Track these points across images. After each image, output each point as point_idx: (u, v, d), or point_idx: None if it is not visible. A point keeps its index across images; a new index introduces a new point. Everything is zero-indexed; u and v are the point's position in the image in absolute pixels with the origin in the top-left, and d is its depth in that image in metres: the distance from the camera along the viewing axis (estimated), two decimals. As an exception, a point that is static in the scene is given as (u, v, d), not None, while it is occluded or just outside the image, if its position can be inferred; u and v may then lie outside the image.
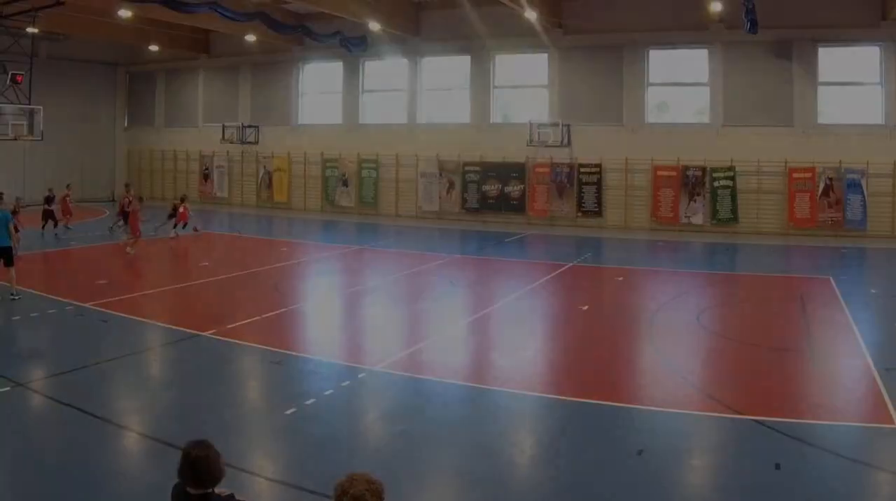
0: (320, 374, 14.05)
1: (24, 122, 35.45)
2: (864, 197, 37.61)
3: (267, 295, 21.49)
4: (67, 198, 35.93)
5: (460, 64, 45.19)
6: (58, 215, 34.84)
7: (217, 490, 5.51)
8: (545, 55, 43.36)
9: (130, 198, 32.04)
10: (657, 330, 17.90)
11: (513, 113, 45.36)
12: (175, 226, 34.13)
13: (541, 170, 42.82)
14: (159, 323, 17.74)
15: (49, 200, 34.31)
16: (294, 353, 15.28)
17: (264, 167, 50.00)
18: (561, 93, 42.96)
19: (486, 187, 43.93)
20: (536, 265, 28.57)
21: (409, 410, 12.29)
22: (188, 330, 16.80)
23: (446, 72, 45.80)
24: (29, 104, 35.64)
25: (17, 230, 21.50)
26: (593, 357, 15.67)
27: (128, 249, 28.42)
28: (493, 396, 12.92)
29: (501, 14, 39.19)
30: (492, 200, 43.70)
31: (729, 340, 17.33)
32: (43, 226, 33.89)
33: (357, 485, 4.66)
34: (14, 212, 25.40)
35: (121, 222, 34.72)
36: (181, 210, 34.59)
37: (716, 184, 39.90)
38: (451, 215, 44.54)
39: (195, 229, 34.93)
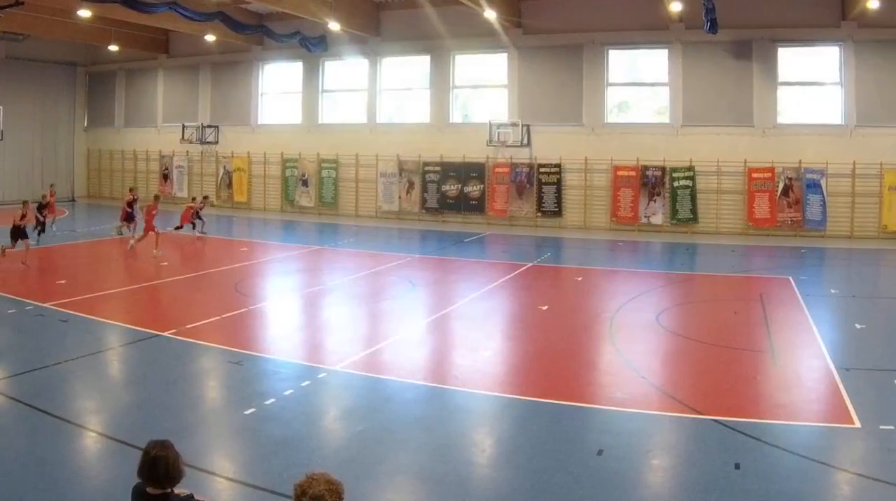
0: (280, 374, 13.67)
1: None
2: (823, 197, 36.26)
3: (227, 296, 20.89)
4: (52, 198, 33.92)
5: (420, 64, 43.34)
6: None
7: (176, 490, 5.39)
8: (505, 55, 41.64)
9: (134, 198, 31.65)
10: (617, 330, 17.40)
11: (473, 113, 43.43)
12: (179, 227, 32.73)
13: (500, 170, 41.13)
14: (119, 324, 17.30)
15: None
16: (254, 353, 14.90)
17: (224, 167, 47.67)
18: (521, 93, 41.24)
19: (445, 187, 42.05)
20: (496, 265, 27.62)
21: (369, 410, 11.98)
22: (148, 330, 16.39)
23: (406, 72, 43.99)
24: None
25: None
26: (553, 356, 15.24)
27: (131, 242, 28.44)
28: (452, 396, 12.64)
29: (461, 14, 38.10)
30: (451, 200, 41.92)
31: (689, 340, 16.84)
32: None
33: (316, 485, 4.55)
34: (46, 205, 25.73)
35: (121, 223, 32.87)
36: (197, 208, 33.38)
37: (675, 184, 38.37)
38: (411, 215, 42.82)
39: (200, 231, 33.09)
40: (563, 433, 10.95)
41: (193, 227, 32.63)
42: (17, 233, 24.86)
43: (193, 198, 34.98)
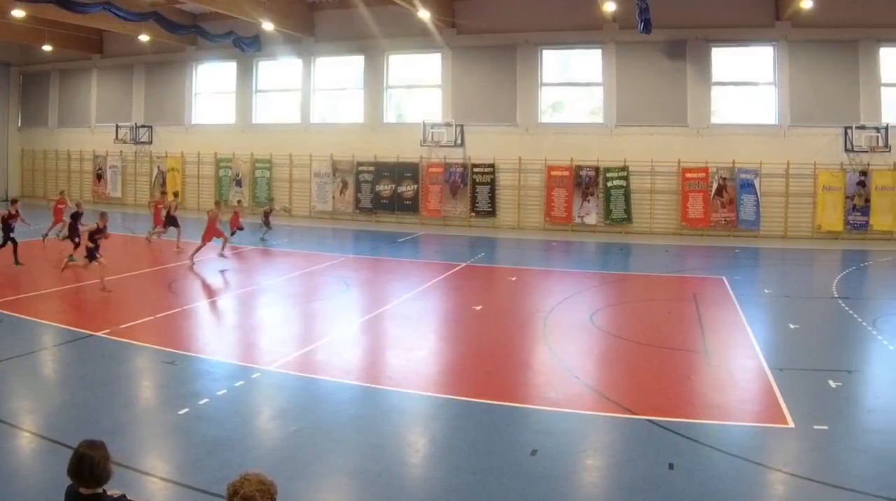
0: (214, 374, 12.85)
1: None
2: (757, 197, 34.23)
3: (161, 296, 19.77)
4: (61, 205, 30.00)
5: (354, 64, 40.60)
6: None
7: (110, 491, 5.16)
8: (438, 55, 38.85)
9: (166, 204, 29.61)
10: (551, 330, 16.45)
11: (406, 113, 40.68)
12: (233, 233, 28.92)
13: (434, 170, 38.60)
14: (53, 324, 16.21)
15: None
16: (188, 353, 14.05)
17: (158, 167, 44.51)
18: (454, 93, 38.58)
19: (379, 187, 39.45)
20: (430, 265, 26.19)
21: (303, 410, 11.35)
22: (82, 331, 15.39)
23: (340, 72, 41.13)
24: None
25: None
26: (487, 356, 14.40)
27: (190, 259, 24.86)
28: (386, 396, 12.01)
29: (395, 14, 35.92)
30: (385, 200, 39.26)
31: (623, 340, 15.93)
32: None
33: (248, 486, 4.39)
34: (79, 214, 23.47)
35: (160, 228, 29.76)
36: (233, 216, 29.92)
37: (609, 184, 35.98)
38: (345, 215, 40.08)
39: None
40: (497, 433, 10.34)
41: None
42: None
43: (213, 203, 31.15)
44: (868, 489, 8.36)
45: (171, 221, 28.83)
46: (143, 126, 44.44)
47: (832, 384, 12.22)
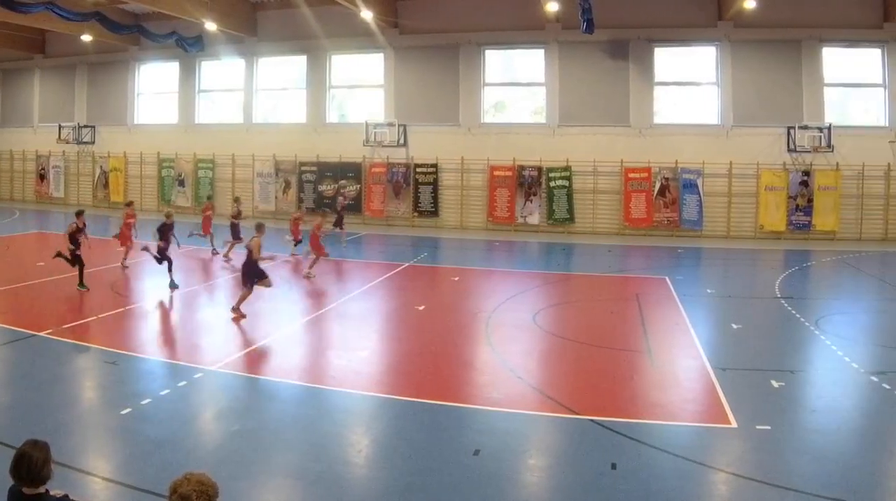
0: (156, 374, 12.29)
1: None
2: (700, 197, 32.10)
3: (104, 296, 18.47)
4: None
5: (297, 64, 37.77)
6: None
7: (52, 491, 4.88)
8: (381, 55, 36.22)
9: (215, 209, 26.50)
10: (493, 330, 15.59)
11: (349, 113, 37.79)
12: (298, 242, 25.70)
13: (377, 170, 35.96)
14: None
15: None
16: (130, 353, 13.30)
17: (101, 167, 41.25)
18: (397, 93, 35.96)
19: (322, 187, 36.73)
20: (373, 265, 24.90)
21: (246, 410, 10.70)
22: (24, 330, 14.53)
23: (282, 72, 38.27)
24: None
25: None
26: (429, 356, 13.70)
27: (309, 271, 21.87)
28: (329, 396, 11.43)
29: (338, 14, 33.47)
30: (328, 200, 36.19)
31: (565, 340, 15.17)
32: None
33: (186, 485, 4.21)
34: (167, 225, 20.29)
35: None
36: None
37: (552, 184, 33.64)
38: (288, 215, 36.16)
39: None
40: (440, 433, 9.88)
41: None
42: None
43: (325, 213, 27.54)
44: (811, 488, 7.98)
45: (208, 225, 26.01)
46: (85, 126, 41.12)
47: (775, 384, 11.66)
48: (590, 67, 33.58)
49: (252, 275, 16.11)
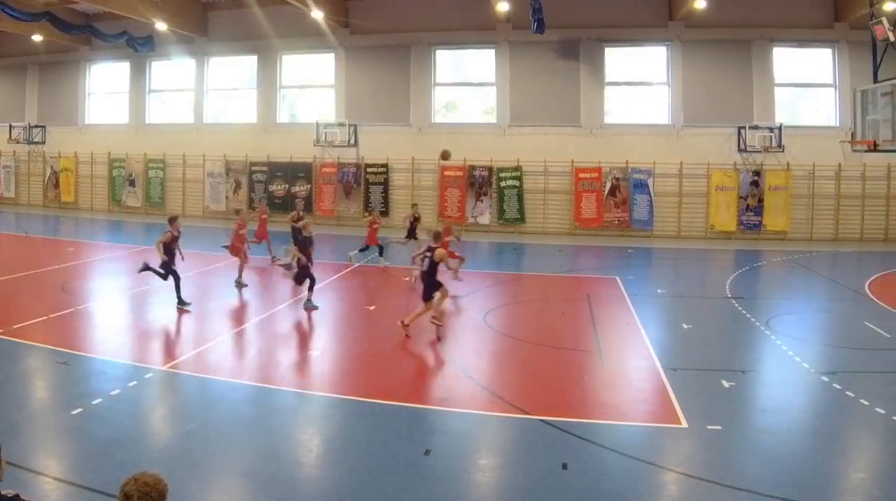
0: (107, 374, 11.39)
1: None
2: (650, 197, 30.13)
3: (54, 296, 17.41)
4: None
5: (247, 64, 35.36)
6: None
7: (3, 490, 4.53)
8: (332, 55, 33.97)
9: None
10: (444, 330, 14.40)
11: (300, 113, 35.43)
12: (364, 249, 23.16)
13: (328, 170, 33.68)
14: None
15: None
16: (81, 353, 12.51)
17: (51, 167, 38.53)
18: (348, 93, 33.70)
19: (272, 187, 34.37)
20: (323, 265, 22.47)
21: (197, 410, 10.09)
22: None
23: (233, 72, 35.84)
24: None
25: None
26: (380, 356, 13.04)
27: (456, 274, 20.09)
28: (280, 396, 10.69)
29: (288, 14, 31.20)
30: (279, 200, 34.07)
31: (516, 340, 14.38)
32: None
33: (131, 484, 4.05)
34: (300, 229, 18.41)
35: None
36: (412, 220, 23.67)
37: (502, 184, 31.58)
38: (233, 217, 34.74)
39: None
40: (391, 433, 9.26)
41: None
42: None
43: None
44: (762, 489, 7.66)
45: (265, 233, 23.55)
46: (36, 126, 38.37)
47: (725, 384, 11.19)
48: (541, 67, 31.62)
49: (433, 288, 14.31)
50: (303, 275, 16.47)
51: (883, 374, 11.76)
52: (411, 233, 23.19)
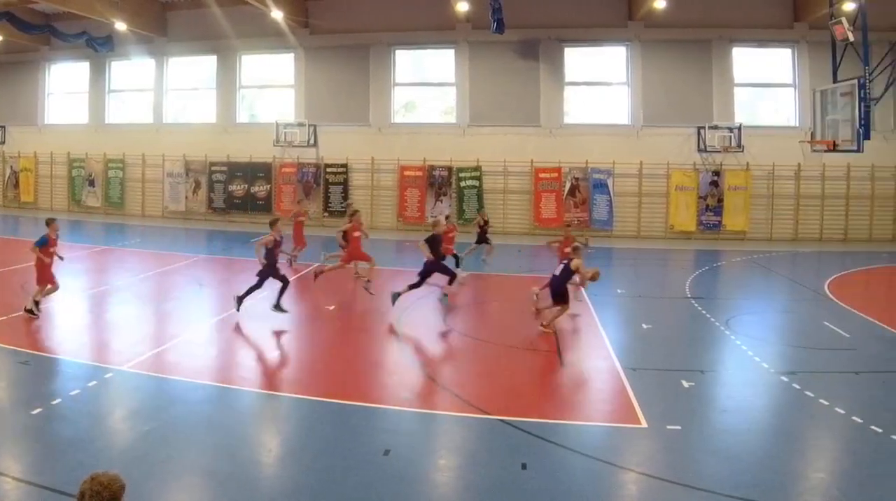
0: (67, 374, 11.01)
1: None
2: (610, 197, 28.58)
3: (13, 296, 16.47)
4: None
5: (207, 64, 33.50)
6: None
7: None
8: (291, 55, 32.19)
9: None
10: (404, 330, 14.16)
11: (259, 113, 33.59)
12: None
13: (287, 170, 31.84)
14: None
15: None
16: (41, 353, 11.93)
17: (11, 167, 36.48)
18: (308, 94, 31.90)
19: (232, 187, 32.54)
20: (282, 265, 20.87)
21: (156, 409, 9.58)
22: None
23: (193, 72, 33.95)
24: None
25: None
26: (340, 356, 12.32)
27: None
28: (239, 396, 10.26)
29: (248, 14, 29.44)
30: (238, 200, 32.36)
31: (476, 340, 13.63)
32: None
33: (87, 483, 3.99)
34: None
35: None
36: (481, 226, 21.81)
37: (462, 184, 29.92)
38: (198, 215, 32.93)
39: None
40: (350, 433, 8.79)
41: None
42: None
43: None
44: (721, 489, 7.29)
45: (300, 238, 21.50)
46: (-5, 126, 36.70)
47: (685, 384, 10.74)
48: (500, 67, 30.03)
49: (564, 295, 13.70)
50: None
51: (842, 374, 11.33)
52: (482, 239, 21.45)
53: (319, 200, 31.39)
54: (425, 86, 32.18)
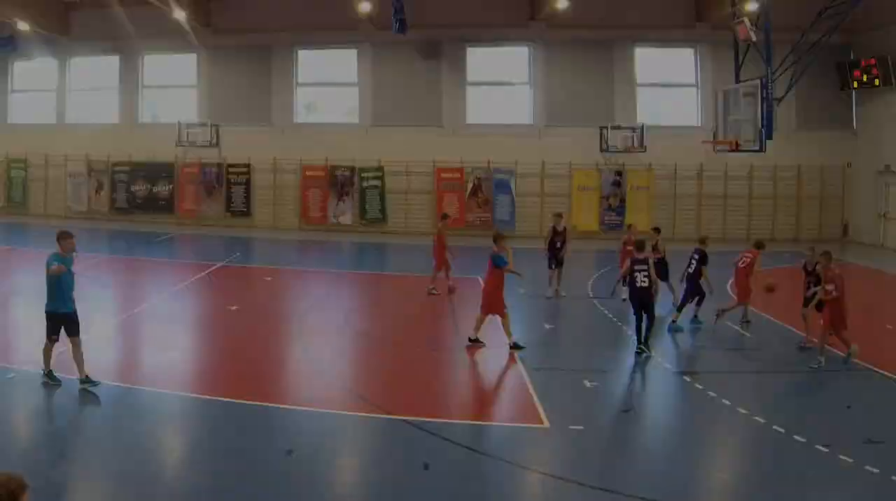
0: None
1: None
2: (512, 197, 24.42)
3: None
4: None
5: (109, 64, 28.46)
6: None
7: None
8: (194, 55, 27.33)
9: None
10: (306, 330, 12.49)
11: (162, 113, 28.53)
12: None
13: (189, 170, 27.02)
14: None
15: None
16: None
17: (-87, 170, 31.61)
18: (210, 93, 27.14)
19: (135, 187, 27.57)
20: (185, 265, 20.42)
21: (59, 410, 8.62)
22: None
23: (95, 71, 28.95)
24: None
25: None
26: (243, 357, 10.90)
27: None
28: (141, 396, 8.99)
29: (151, 14, 24.78)
30: (140, 200, 27.54)
31: (378, 340, 12.13)
32: None
33: None
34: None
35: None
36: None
37: (364, 184, 25.58)
38: (101, 215, 27.91)
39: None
40: (252, 433, 7.79)
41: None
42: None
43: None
44: (624, 489, 6.54)
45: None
46: None
47: (587, 384, 9.54)
48: (403, 67, 25.74)
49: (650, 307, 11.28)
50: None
51: (744, 374, 10.43)
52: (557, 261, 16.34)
53: (222, 200, 26.83)
54: (328, 87, 27.59)
